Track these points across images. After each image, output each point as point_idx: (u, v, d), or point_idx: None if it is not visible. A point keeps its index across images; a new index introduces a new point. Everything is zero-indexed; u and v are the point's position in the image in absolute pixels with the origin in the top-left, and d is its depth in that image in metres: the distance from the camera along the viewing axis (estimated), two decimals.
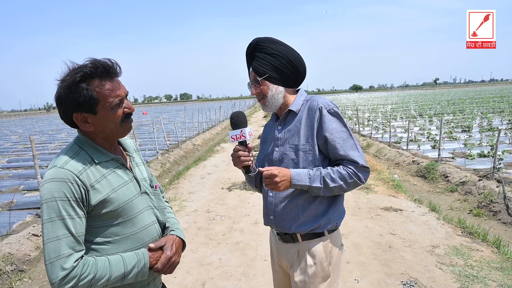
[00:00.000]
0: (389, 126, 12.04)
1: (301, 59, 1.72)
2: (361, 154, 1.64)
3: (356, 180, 1.60)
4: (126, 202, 1.33)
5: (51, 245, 1.16)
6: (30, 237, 4.52)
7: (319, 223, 1.67)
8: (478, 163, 8.03)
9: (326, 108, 1.63)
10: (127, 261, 1.27)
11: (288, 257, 1.77)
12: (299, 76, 1.74)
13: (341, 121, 1.65)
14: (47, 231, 1.17)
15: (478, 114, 19.13)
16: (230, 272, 3.70)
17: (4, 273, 3.79)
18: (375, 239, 4.30)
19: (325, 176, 1.59)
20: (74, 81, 1.23)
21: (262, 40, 1.70)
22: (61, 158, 1.25)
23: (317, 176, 1.59)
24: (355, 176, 1.59)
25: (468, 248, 4.00)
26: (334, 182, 1.59)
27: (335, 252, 1.74)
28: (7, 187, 7.92)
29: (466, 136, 11.92)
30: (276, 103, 1.73)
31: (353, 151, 1.62)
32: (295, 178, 1.60)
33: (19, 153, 14.18)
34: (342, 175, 1.59)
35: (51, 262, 1.15)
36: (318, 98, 1.71)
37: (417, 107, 28.27)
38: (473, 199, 5.87)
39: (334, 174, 1.59)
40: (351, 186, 1.62)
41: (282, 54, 1.68)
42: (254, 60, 1.72)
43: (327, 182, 1.58)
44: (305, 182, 1.60)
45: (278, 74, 1.69)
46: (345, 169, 1.60)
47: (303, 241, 1.71)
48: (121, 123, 1.33)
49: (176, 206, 6.03)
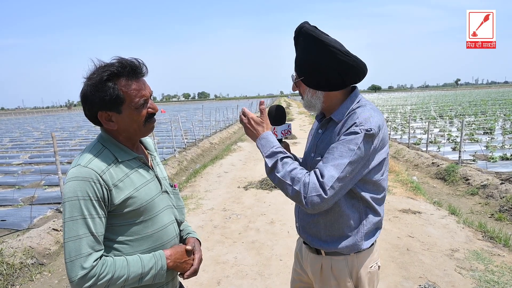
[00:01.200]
0: (408, 127, 11.83)
1: (348, 62, 1.41)
2: (335, 178, 1.30)
3: (301, 194, 1.31)
4: (148, 201, 1.33)
5: (72, 244, 1.17)
6: (51, 231, 4.63)
7: (342, 246, 1.49)
8: (501, 166, 7.82)
9: (357, 124, 1.36)
10: (145, 262, 1.27)
11: (313, 269, 1.62)
12: (347, 79, 1.46)
13: (357, 143, 1.33)
14: (69, 229, 1.18)
15: (500, 116, 18.63)
16: (245, 271, 3.70)
17: (25, 266, 3.89)
18: (393, 242, 4.23)
19: (279, 164, 1.39)
20: (101, 80, 1.23)
21: (304, 32, 1.44)
22: (85, 157, 1.26)
23: (276, 157, 1.41)
24: (303, 190, 1.31)
25: (489, 253, 3.90)
26: (282, 175, 1.37)
27: (364, 273, 1.53)
28: (29, 182, 8.14)
29: (488, 138, 11.62)
30: (314, 106, 1.53)
31: (332, 168, 1.31)
32: (261, 140, 1.46)
33: (41, 149, 14.55)
34: (296, 177, 1.34)
35: (71, 260, 1.16)
36: (364, 110, 1.41)
37: (438, 108, 27.72)
38: (495, 203, 5.71)
39: (290, 168, 1.37)
40: (293, 195, 1.35)
41: (322, 55, 1.41)
42: (296, 52, 1.50)
43: (278, 168, 1.39)
44: (263, 151, 1.44)
45: (314, 78, 1.46)
46: (304, 176, 1.34)
47: (326, 256, 1.55)
48: (144, 123, 1.33)
49: (193, 204, 6.08)
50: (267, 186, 6.80)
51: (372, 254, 1.57)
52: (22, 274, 3.80)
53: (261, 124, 1.49)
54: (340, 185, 1.32)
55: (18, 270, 3.79)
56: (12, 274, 3.72)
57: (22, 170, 9.66)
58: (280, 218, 5.15)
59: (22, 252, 4.03)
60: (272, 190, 6.59)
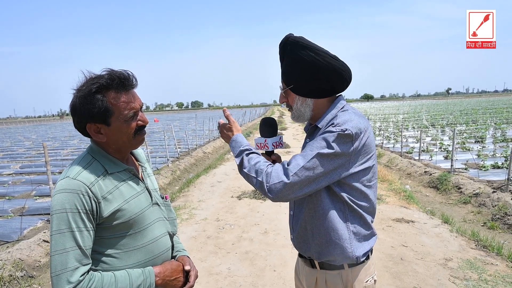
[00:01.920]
0: (400, 135, 11.93)
1: (337, 66, 1.44)
2: (300, 166, 1.32)
3: (263, 184, 1.36)
4: (138, 213, 1.31)
5: (58, 257, 1.15)
6: (41, 243, 4.55)
7: (333, 256, 1.47)
8: (492, 175, 7.89)
9: (334, 125, 1.37)
10: (133, 278, 1.24)
11: (308, 283, 1.60)
12: (335, 86, 1.48)
13: (329, 140, 1.33)
14: (55, 242, 1.16)
15: (491, 125, 18.85)
16: (239, 282, 3.67)
17: (14, 279, 3.81)
18: (387, 251, 4.22)
19: (245, 160, 1.45)
20: (90, 92, 1.22)
21: (291, 41, 1.46)
22: (74, 169, 1.24)
23: (241, 155, 1.48)
24: (265, 179, 1.35)
25: (482, 262, 3.91)
26: (248, 169, 1.43)
27: (359, 287, 1.50)
28: (19, 193, 8.03)
29: (480, 147, 11.73)
30: (302, 116, 1.53)
31: (300, 157, 1.35)
32: (232, 142, 1.55)
33: (32, 159, 14.39)
34: (259, 169, 1.39)
35: (57, 274, 1.14)
36: (345, 114, 1.43)
37: (429, 117, 27.99)
38: (487, 212, 5.75)
39: (254, 162, 1.43)
40: (257, 186, 1.39)
41: (312, 63, 1.42)
42: (283, 62, 1.51)
43: (244, 164, 1.45)
44: (234, 153, 1.52)
45: (304, 85, 1.47)
46: (266, 167, 1.39)
47: (321, 269, 1.53)
48: (134, 135, 1.32)
49: (186, 214, 6.03)
50: (261, 195, 6.78)
51: (368, 268, 1.53)
52: (11, 287, 3.72)
53: (230, 129, 1.59)
54: (305, 175, 1.32)
55: (7, 283, 3.71)
56: (1, 287, 3.64)
57: (13, 181, 9.55)
58: (274, 228, 5.12)
59: (12, 264, 3.96)
60: (265, 200, 6.57)
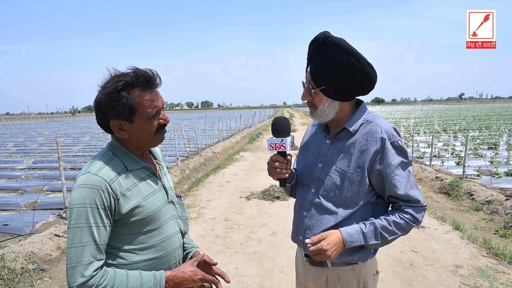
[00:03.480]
0: (411, 140, 11.81)
1: (371, 74, 1.45)
2: (419, 192, 1.47)
3: (414, 224, 1.46)
4: (155, 211, 1.34)
5: (75, 250, 1.18)
6: (52, 237, 4.61)
7: (353, 257, 1.51)
8: (505, 182, 7.76)
9: (391, 140, 1.43)
10: (144, 280, 1.26)
11: (317, 283, 1.60)
12: (364, 90, 1.49)
13: (405, 156, 1.46)
14: (73, 235, 1.19)
15: (505, 131, 18.55)
16: (246, 282, 3.67)
17: (26, 271, 3.87)
18: (396, 256, 4.19)
19: (382, 231, 1.44)
20: (115, 89, 1.25)
21: (331, 41, 1.40)
22: (95, 164, 1.27)
23: (372, 232, 1.43)
24: (412, 222, 1.45)
25: (494, 270, 3.85)
26: (392, 235, 1.44)
27: (370, 280, 1.57)
28: (32, 187, 8.15)
29: (493, 153, 11.56)
30: (326, 117, 1.51)
31: (414, 189, 1.45)
32: (348, 240, 1.43)
33: (44, 154, 14.58)
34: (400, 225, 1.44)
35: (72, 266, 1.17)
36: (381, 122, 1.48)
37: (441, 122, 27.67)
38: (500, 219, 5.66)
39: (391, 226, 1.44)
40: (408, 231, 1.49)
41: (352, 69, 1.40)
42: (315, 60, 1.45)
43: (385, 236, 1.44)
44: (360, 242, 1.44)
45: (337, 89, 1.44)
46: (402, 217, 1.44)
47: (332, 267, 1.55)
48: (155, 133, 1.34)
49: (195, 213, 6.06)
50: (269, 196, 6.78)
51: (375, 260, 1.62)
52: (23, 279, 3.78)
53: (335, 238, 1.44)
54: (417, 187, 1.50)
55: (19, 275, 3.78)
56: (13, 279, 3.70)
57: (26, 175, 9.69)
58: (282, 230, 5.12)
59: (24, 257, 4.02)
60: (274, 201, 6.57)
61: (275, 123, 1.53)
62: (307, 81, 1.50)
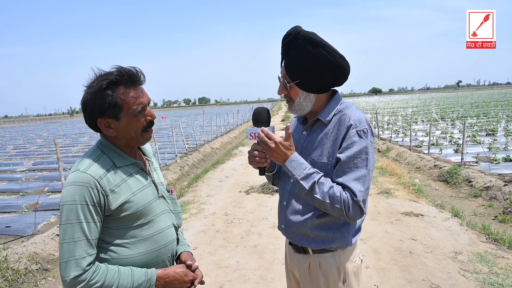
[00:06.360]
0: (409, 129, 11.84)
1: (344, 66, 1.49)
2: (363, 191, 1.40)
3: (344, 211, 1.39)
4: (145, 205, 1.37)
5: (67, 246, 1.21)
6: (54, 237, 4.64)
7: (330, 245, 1.53)
8: (504, 168, 7.81)
9: (356, 128, 1.43)
10: (135, 277, 1.29)
11: (300, 270, 1.65)
12: (338, 82, 1.52)
13: (365, 147, 1.42)
14: (64, 231, 1.22)
15: (503, 117, 18.59)
16: (247, 275, 3.71)
17: (29, 272, 3.91)
18: (395, 245, 4.22)
19: (318, 184, 1.41)
20: (100, 88, 1.28)
21: (302, 35, 1.44)
22: (84, 162, 1.30)
23: (311, 179, 1.42)
24: (345, 207, 1.39)
25: (493, 255, 3.89)
26: (321, 196, 1.40)
27: (350, 267, 1.58)
28: (32, 189, 8.18)
29: (491, 140, 11.59)
30: (303, 109, 1.55)
31: (357, 182, 1.40)
32: (291, 162, 1.44)
33: (44, 156, 14.61)
34: (335, 196, 1.39)
35: (65, 261, 1.21)
36: (352, 111, 1.50)
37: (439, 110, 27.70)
38: (498, 205, 5.70)
39: (327, 189, 1.40)
40: (334, 212, 1.42)
41: (324, 62, 1.44)
42: (288, 55, 1.49)
43: (315, 190, 1.41)
44: (297, 174, 1.43)
45: (312, 81, 1.48)
46: (342, 193, 1.39)
47: (314, 254, 1.58)
48: (141, 131, 1.37)
49: (195, 208, 6.09)
50: (269, 190, 6.81)
51: (356, 249, 1.64)
52: (27, 279, 3.82)
53: (290, 148, 1.46)
54: (368, 186, 1.45)
55: (23, 276, 3.81)
56: (17, 279, 3.73)
57: (26, 177, 9.71)
58: None
59: (27, 257, 4.05)
60: (274, 194, 6.60)
61: (255, 113, 1.56)
62: (282, 75, 1.54)
